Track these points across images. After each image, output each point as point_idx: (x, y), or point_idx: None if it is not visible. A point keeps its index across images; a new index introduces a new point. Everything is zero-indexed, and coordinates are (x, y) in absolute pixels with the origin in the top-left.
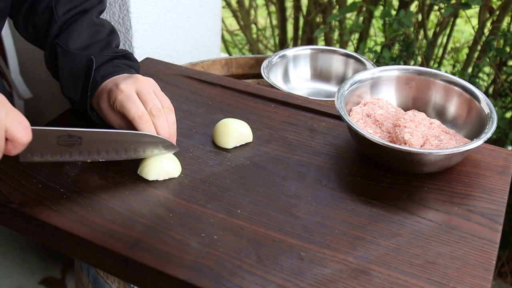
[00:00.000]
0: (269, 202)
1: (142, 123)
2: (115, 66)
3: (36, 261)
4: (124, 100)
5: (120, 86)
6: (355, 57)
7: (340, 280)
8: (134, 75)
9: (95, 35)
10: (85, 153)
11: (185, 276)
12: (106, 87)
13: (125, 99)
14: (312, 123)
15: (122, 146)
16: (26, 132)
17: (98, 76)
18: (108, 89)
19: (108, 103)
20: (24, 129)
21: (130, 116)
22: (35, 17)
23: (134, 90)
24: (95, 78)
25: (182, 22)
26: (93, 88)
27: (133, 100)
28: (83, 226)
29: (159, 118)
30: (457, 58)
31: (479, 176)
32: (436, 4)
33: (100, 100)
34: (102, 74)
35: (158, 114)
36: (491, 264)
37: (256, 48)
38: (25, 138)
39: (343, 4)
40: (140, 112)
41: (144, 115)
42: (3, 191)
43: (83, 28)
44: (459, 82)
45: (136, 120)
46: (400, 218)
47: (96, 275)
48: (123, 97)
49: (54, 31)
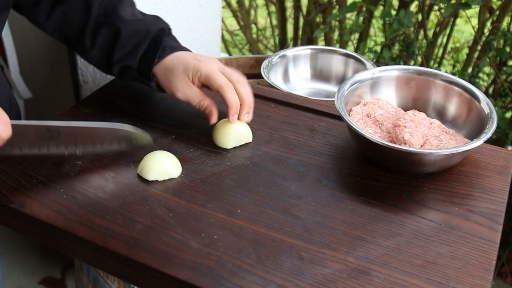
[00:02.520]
0: (269, 202)
1: (228, 89)
2: (175, 41)
3: (36, 261)
4: (210, 71)
5: (205, 61)
6: (355, 57)
7: (340, 280)
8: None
9: (136, 12)
10: (63, 146)
11: (185, 276)
12: (184, 58)
13: (210, 71)
14: (312, 123)
15: (98, 139)
16: (6, 127)
17: (167, 46)
18: (188, 61)
19: (185, 75)
20: (4, 124)
21: (217, 84)
22: (66, 5)
23: (216, 66)
24: (165, 47)
25: (182, 22)
26: (161, 55)
27: (217, 73)
28: (83, 226)
29: (244, 88)
30: (457, 58)
31: (479, 176)
32: (436, 4)
33: (173, 70)
34: (170, 46)
35: (243, 84)
36: (491, 264)
37: (256, 48)
38: (5, 133)
39: (343, 4)
40: (226, 80)
41: (228, 83)
42: (3, 191)
43: (127, 5)
44: (459, 82)
45: (223, 87)
46: (400, 218)
47: (96, 275)
48: (208, 69)
49: (95, 12)
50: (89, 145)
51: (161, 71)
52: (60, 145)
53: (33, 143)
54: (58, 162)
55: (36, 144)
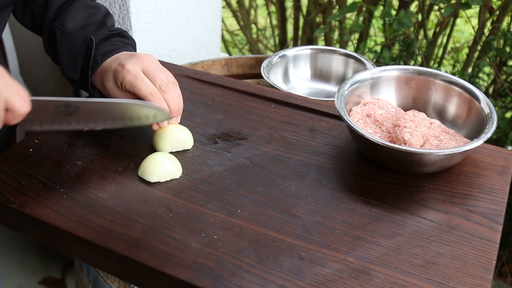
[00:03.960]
0: (269, 202)
1: (154, 100)
2: (112, 44)
3: (36, 261)
4: (133, 79)
5: (127, 67)
6: (355, 57)
7: (340, 280)
8: (136, 53)
9: (91, 16)
10: (83, 122)
11: (185, 276)
12: (110, 67)
13: (133, 79)
14: (312, 123)
15: (118, 114)
16: (25, 102)
17: (98, 55)
18: (113, 69)
19: (114, 83)
20: (22, 99)
21: (142, 94)
22: (32, 3)
23: (140, 69)
24: (95, 57)
25: (182, 22)
26: (93, 66)
27: (141, 78)
28: (83, 226)
29: (169, 93)
30: (457, 58)
31: (479, 176)
32: (436, 4)
33: (104, 80)
34: (101, 53)
35: (167, 89)
36: (491, 264)
37: (256, 48)
38: (23, 108)
39: (343, 4)
40: (151, 89)
41: (155, 91)
42: (3, 191)
43: (79, 10)
44: (459, 82)
45: (148, 97)
46: (400, 218)
47: (96, 275)
48: (131, 77)
49: (51, 15)
50: (109, 121)
51: (98, 83)
52: (80, 121)
53: (53, 119)
54: (58, 162)
55: (56, 120)
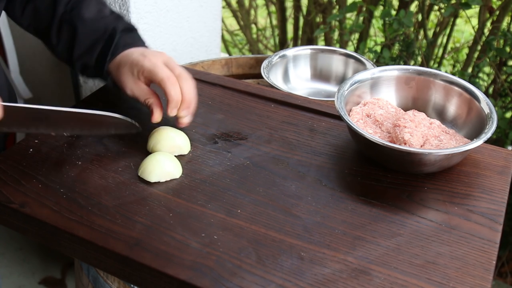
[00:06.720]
0: (269, 202)
1: (170, 83)
2: (133, 38)
3: (36, 261)
4: (152, 66)
5: (149, 57)
6: (355, 57)
7: (340, 280)
8: (158, 51)
9: (103, 9)
10: (51, 128)
11: (185, 276)
12: (131, 55)
13: (152, 66)
14: (312, 123)
15: (87, 124)
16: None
17: (121, 44)
18: (134, 58)
19: (130, 71)
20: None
21: (158, 78)
22: (37, 1)
23: (161, 61)
24: (118, 44)
25: (182, 22)
26: (113, 53)
27: (160, 67)
28: (83, 226)
29: (186, 82)
30: (457, 58)
31: (479, 176)
32: (436, 4)
33: (122, 67)
34: (124, 43)
35: (186, 78)
36: (491, 264)
37: (256, 48)
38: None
39: (343, 4)
40: (169, 74)
41: (172, 76)
42: (3, 191)
43: (92, 4)
44: (459, 82)
45: (165, 81)
46: (400, 218)
47: (96, 275)
48: (150, 65)
49: (61, 9)
50: (77, 128)
51: (114, 69)
52: (49, 127)
53: (22, 123)
54: (58, 162)
55: (25, 125)
